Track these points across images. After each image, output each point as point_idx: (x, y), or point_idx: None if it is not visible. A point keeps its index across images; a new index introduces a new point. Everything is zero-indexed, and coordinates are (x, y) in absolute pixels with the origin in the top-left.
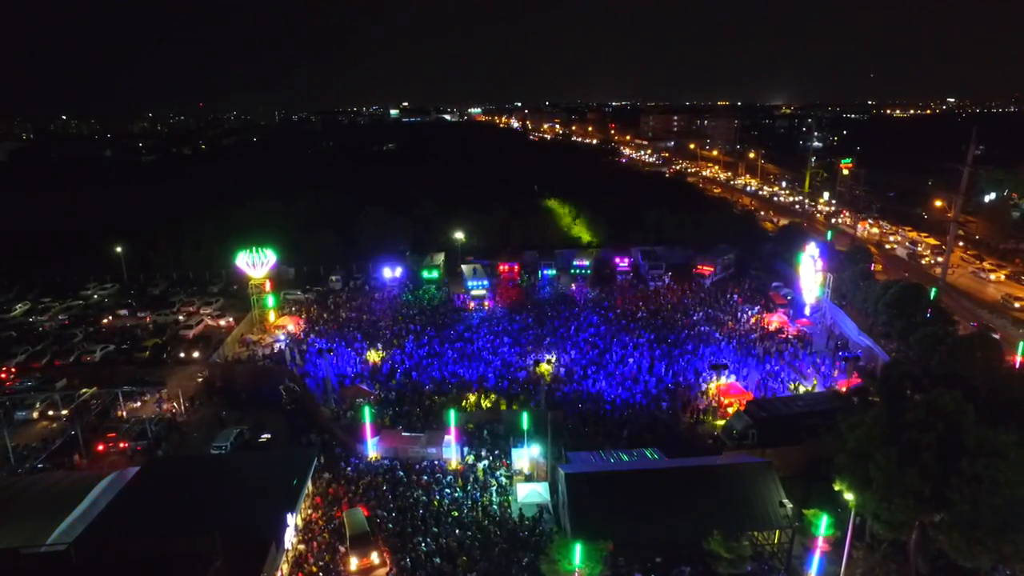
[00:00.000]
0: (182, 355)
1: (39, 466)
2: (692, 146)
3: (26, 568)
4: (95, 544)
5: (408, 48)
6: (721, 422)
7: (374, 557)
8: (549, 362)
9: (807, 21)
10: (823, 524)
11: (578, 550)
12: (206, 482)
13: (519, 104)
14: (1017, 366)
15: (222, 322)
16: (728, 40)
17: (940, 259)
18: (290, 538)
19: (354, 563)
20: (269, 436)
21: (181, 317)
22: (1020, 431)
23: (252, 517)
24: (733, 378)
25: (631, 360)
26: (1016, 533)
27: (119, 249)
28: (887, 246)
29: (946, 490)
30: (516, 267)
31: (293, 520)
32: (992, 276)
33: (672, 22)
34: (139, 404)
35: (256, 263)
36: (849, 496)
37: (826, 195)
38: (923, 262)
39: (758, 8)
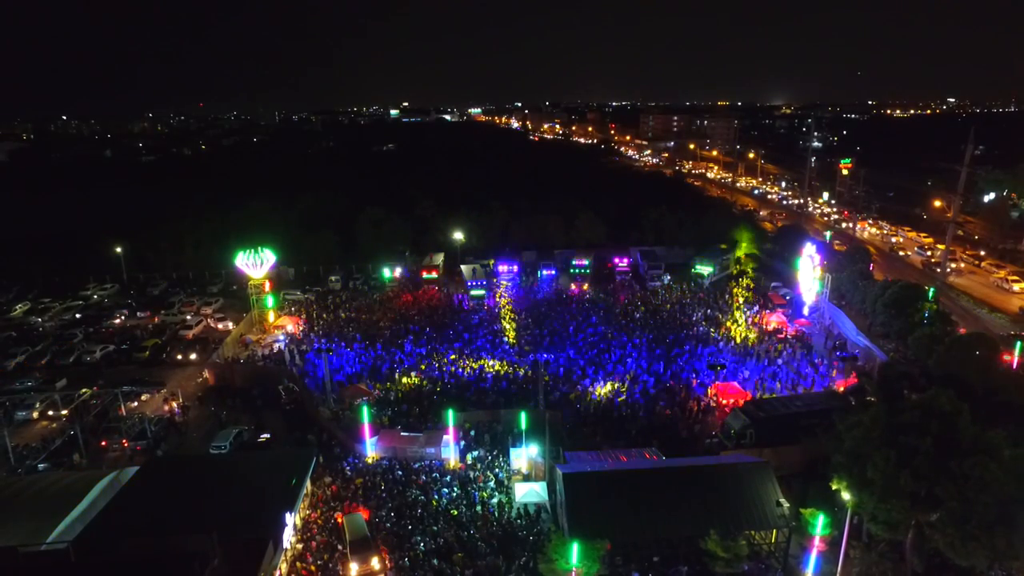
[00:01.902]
0: (179, 357)
1: (40, 466)
2: (692, 146)
3: (24, 567)
4: (94, 543)
5: (408, 48)
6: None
7: (374, 563)
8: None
9: (807, 21)
10: (820, 523)
11: (575, 549)
12: (205, 481)
13: (519, 104)
14: (1015, 366)
15: (220, 326)
16: (728, 40)
17: (954, 266)
18: (288, 537)
19: (354, 569)
20: (268, 436)
21: (188, 317)
22: (1017, 430)
23: (251, 516)
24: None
25: (630, 360)
26: (1008, 528)
27: (119, 249)
28: (901, 252)
29: (937, 489)
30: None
31: (292, 519)
32: (1016, 287)
33: (672, 22)
34: (136, 404)
35: (255, 263)
36: (846, 496)
37: (825, 195)
38: (940, 271)
39: (759, 8)
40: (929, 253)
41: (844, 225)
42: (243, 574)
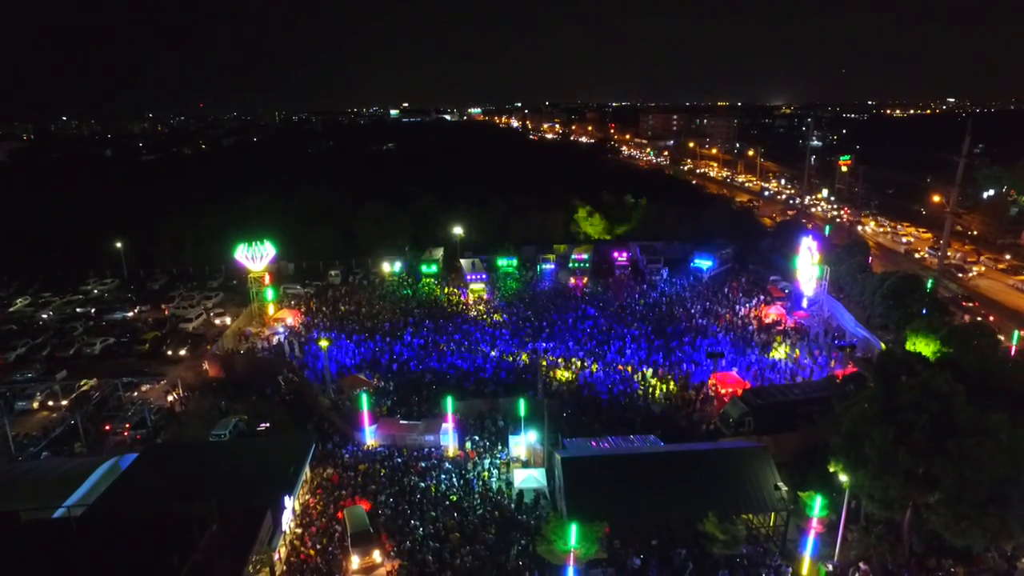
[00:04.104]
0: (169, 353)
1: (43, 455)
2: (692, 144)
3: (26, 532)
4: (95, 514)
5: (408, 49)
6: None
7: (376, 556)
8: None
9: (807, 22)
10: (818, 505)
11: (574, 530)
12: (205, 466)
13: (519, 104)
14: (1012, 354)
15: (217, 321)
16: (728, 40)
17: (976, 270)
18: (288, 521)
19: (356, 562)
20: (267, 425)
21: (201, 310)
22: (1012, 414)
23: (250, 497)
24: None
25: (629, 351)
26: (1002, 508)
27: (119, 245)
28: (917, 254)
29: (934, 469)
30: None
31: (291, 503)
32: None
33: (672, 23)
34: (136, 394)
35: (255, 256)
36: (843, 477)
37: (824, 192)
38: (960, 276)
39: (759, 9)
40: (949, 256)
41: (860, 228)
42: (241, 541)
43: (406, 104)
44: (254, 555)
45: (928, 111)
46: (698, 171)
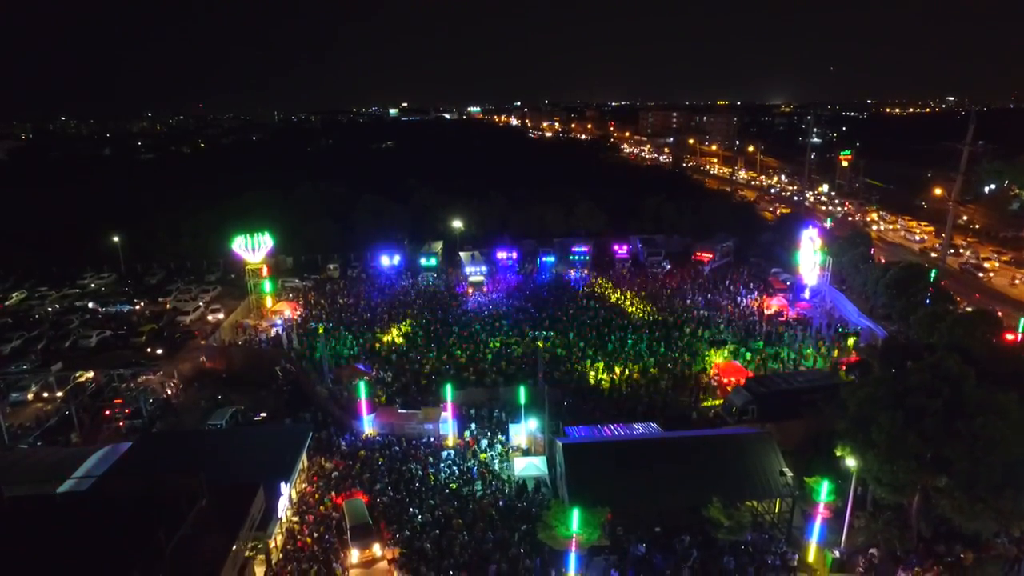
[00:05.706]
0: (148, 350)
1: (37, 444)
2: (692, 141)
3: (8, 508)
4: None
5: (407, 48)
6: (718, 401)
7: (376, 549)
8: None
9: (807, 22)
10: (824, 490)
11: (575, 515)
12: (201, 453)
13: (519, 103)
14: (1018, 341)
15: (211, 317)
16: (728, 40)
17: (990, 266)
18: (284, 508)
19: (355, 556)
20: (265, 415)
21: (200, 305)
22: (1020, 396)
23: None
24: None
25: (630, 341)
26: (1016, 490)
27: (116, 239)
28: (933, 254)
29: (946, 451)
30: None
31: (287, 490)
32: None
33: (672, 22)
34: (133, 385)
35: (252, 248)
36: (850, 462)
37: (825, 187)
38: (980, 275)
39: (759, 8)
40: (966, 254)
41: (872, 227)
42: (232, 518)
43: (405, 103)
44: (244, 532)
45: (928, 110)
46: (701, 168)
